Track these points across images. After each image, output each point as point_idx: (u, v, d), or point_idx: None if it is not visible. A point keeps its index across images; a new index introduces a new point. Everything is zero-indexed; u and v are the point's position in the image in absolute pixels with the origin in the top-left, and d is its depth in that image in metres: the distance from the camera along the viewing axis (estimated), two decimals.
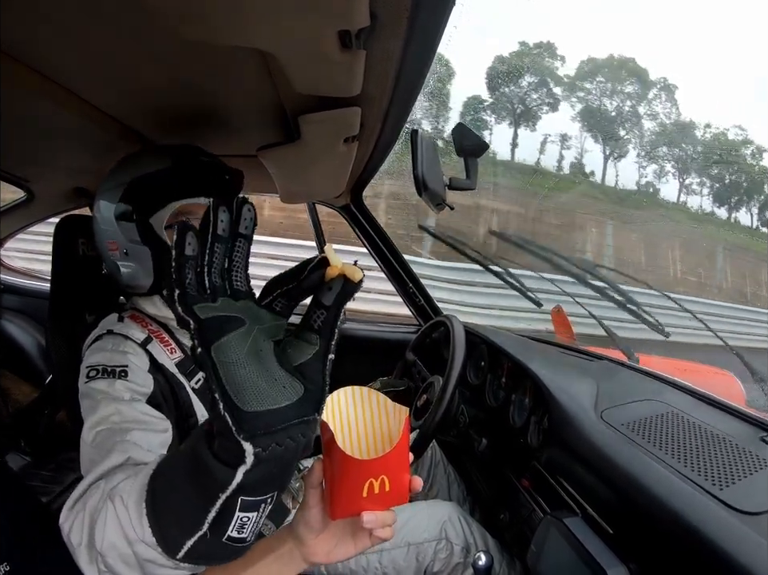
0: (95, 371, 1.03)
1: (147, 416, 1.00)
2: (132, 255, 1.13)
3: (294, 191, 1.67)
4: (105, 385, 1.01)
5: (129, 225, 1.12)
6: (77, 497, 0.77)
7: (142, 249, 1.12)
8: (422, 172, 1.10)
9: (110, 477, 0.79)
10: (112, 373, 1.03)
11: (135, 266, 1.13)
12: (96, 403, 0.98)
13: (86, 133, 1.16)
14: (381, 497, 0.63)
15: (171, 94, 0.98)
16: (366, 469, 0.62)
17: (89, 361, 1.05)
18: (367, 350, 2.31)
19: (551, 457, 1.18)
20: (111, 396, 1.00)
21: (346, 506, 0.65)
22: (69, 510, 0.76)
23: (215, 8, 0.55)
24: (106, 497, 0.72)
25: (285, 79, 0.76)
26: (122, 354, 1.08)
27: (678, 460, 0.98)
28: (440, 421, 1.24)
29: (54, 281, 1.28)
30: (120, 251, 1.13)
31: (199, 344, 0.48)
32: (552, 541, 0.96)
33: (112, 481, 0.77)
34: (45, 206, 1.88)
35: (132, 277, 1.13)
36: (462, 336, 1.40)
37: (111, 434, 0.92)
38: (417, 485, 0.68)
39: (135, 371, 1.06)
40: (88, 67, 0.83)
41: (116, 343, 1.09)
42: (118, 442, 0.89)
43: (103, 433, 0.92)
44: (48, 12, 0.64)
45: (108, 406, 0.97)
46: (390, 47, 0.71)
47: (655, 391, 1.37)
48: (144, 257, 1.13)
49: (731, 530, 0.77)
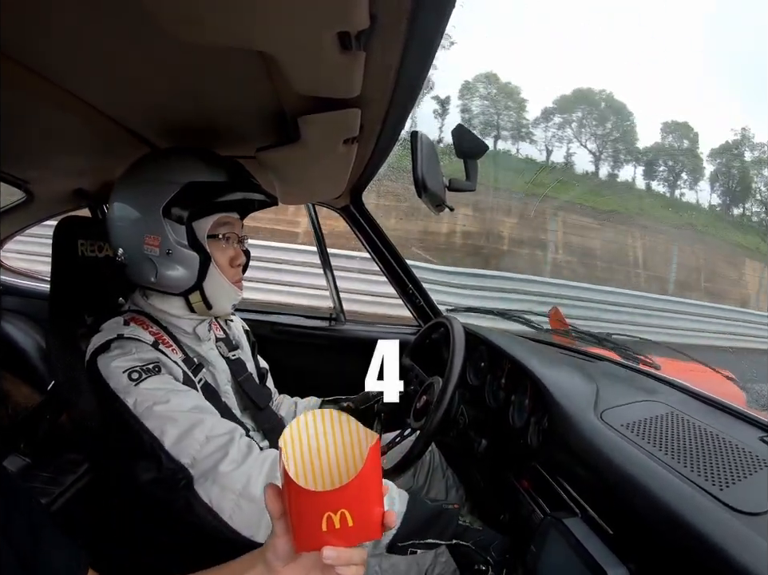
0: (137, 373, 1.06)
1: (205, 402, 1.12)
2: (175, 256, 1.15)
3: (294, 192, 1.67)
4: (157, 381, 1.07)
5: (179, 227, 1.15)
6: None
7: (189, 254, 1.16)
8: (422, 173, 1.10)
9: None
10: (150, 370, 1.08)
11: (177, 267, 1.16)
12: (162, 396, 1.04)
13: (86, 135, 1.16)
14: (343, 532, 0.58)
15: (170, 96, 0.98)
16: (322, 501, 0.57)
17: (123, 366, 1.07)
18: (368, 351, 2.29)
19: (551, 457, 1.18)
20: (170, 389, 1.07)
21: (308, 540, 0.60)
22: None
23: (215, 10, 0.55)
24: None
25: (284, 80, 0.76)
26: (147, 352, 1.11)
27: (678, 460, 0.98)
28: (440, 422, 1.23)
29: (54, 282, 1.27)
30: (162, 248, 1.14)
31: None
32: (552, 542, 0.96)
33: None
34: (44, 207, 1.88)
35: (171, 277, 1.16)
36: (462, 337, 1.40)
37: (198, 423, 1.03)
38: (391, 522, 0.62)
39: (165, 362, 1.11)
40: (88, 69, 0.83)
41: (137, 346, 1.11)
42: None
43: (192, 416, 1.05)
44: (48, 14, 0.64)
45: (176, 397, 1.06)
46: (390, 48, 0.71)
47: (654, 392, 1.38)
48: (190, 261, 1.16)
49: (731, 531, 0.77)
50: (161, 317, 1.23)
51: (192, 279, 1.17)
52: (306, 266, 5.53)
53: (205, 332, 1.29)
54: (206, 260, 1.17)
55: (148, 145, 1.27)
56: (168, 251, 1.14)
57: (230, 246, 1.25)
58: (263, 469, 1.02)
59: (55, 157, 1.37)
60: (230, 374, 1.35)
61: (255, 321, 1.68)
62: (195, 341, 1.27)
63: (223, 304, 1.25)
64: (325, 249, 2.28)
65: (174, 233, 1.14)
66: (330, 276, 2.32)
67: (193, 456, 1.00)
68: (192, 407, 1.06)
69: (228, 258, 1.24)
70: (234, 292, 1.25)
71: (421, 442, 1.25)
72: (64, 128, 1.10)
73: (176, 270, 1.15)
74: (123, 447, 1.07)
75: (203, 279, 1.18)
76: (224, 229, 1.23)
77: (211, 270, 1.19)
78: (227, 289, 1.23)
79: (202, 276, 1.18)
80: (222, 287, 1.22)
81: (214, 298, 1.22)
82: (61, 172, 1.51)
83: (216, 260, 1.20)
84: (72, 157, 1.37)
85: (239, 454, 1.02)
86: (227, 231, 1.23)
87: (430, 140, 1.14)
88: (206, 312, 1.25)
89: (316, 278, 6.20)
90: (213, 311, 1.25)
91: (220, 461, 1.00)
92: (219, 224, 1.22)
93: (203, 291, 1.20)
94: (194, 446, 1.00)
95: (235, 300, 1.28)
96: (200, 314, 1.25)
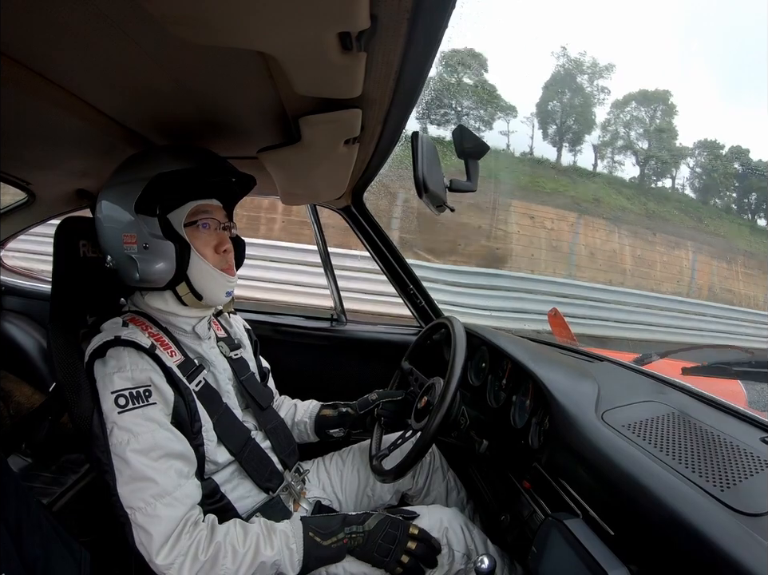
0: (124, 399, 1.07)
1: (180, 444, 1.12)
2: (152, 249, 1.15)
3: (295, 193, 1.67)
4: (140, 415, 1.08)
5: (151, 220, 1.15)
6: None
7: (165, 244, 1.15)
8: (423, 173, 1.10)
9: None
10: (139, 397, 1.08)
11: (156, 260, 1.15)
12: (135, 436, 1.06)
13: (88, 136, 1.16)
14: None
15: (172, 97, 0.98)
16: None
17: (114, 385, 1.08)
18: (369, 352, 2.32)
19: (552, 458, 1.18)
20: (148, 429, 1.08)
21: None
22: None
23: (217, 11, 0.55)
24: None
25: (286, 81, 0.76)
26: (141, 371, 1.10)
27: (679, 461, 0.98)
28: (441, 422, 1.23)
29: (55, 282, 1.28)
30: (139, 244, 1.14)
31: None
32: (553, 543, 0.96)
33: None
34: (46, 208, 1.88)
35: (152, 271, 1.15)
36: (463, 337, 1.40)
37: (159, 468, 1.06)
38: None
39: (158, 386, 1.11)
40: (90, 70, 0.84)
41: (132, 360, 1.11)
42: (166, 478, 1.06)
43: (151, 466, 1.06)
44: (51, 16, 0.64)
45: (147, 437, 1.07)
46: (391, 49, 0.71)
47: (656, 392, 1.37)
48: (166, 252, 1.15)
49: (732, 532, 0.77)
50: (160, 317, 1.23)
51: (171, 269, 1.16)
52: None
53: (204, 331, 1.29)
54: (184, 248, 1.17)
55: (150, 146, 1.27)
56: (145, 245, 1.14)
57: (211, 233, 1.23)
58: (188, 557, 1.04)
59: (57, 158, 1.37)
60: (231, 374, 1.35)
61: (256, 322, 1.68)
62: (195, 340, 1.27)
63: (213, 292, 1.23)
64: (326, 250, 2.28)
65: (148, 227, 1.14)
66: (331, 277, 2.32)
67: (135, 512, 1.04)
68: (159, 455, 1.07)
69: (212, 245, 1.23)
70: (223, 278, 1.23)
71: (423, 442, 1.24)
72: (66, 129, 1.10)
73: (156, 263, 1.15)
74: (95, 450, 1.10)
75: (185, 268, 1.18)
76: (202, 216, 1.21)
77: (193, 258, 1.18)
78: (214, 276, 1.21)
79: (183, 265, 1.17)
80: (208, 274, 1.21)
81: (201, 286, 1.21)
82: (63, 173, 1.51)
83: (197, 248, 1.19)
84: (74, 158, 1.37)
85: (171, 538, 1.04)
86: (206, 217, 1.22)
87: (431, 141, 1.14)
88: (198, 303, 1.23)
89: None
90: (205, 300, 1.23)
91: (152, 540, 1.03)
92: (196, 211, 1.21)
93: (188, 280, 1.19)
94: (139, 505, 1.03)
95: (228, 287, 1.26)
96: (193, 306, 1.24)
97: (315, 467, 1.60)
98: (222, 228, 1.26)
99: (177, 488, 1.07)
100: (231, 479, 1.26)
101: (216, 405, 1.23)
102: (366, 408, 1.57)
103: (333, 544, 1.17)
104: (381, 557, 1.18)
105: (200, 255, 1.19)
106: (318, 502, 1.45)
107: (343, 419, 1.58)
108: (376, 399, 1.57)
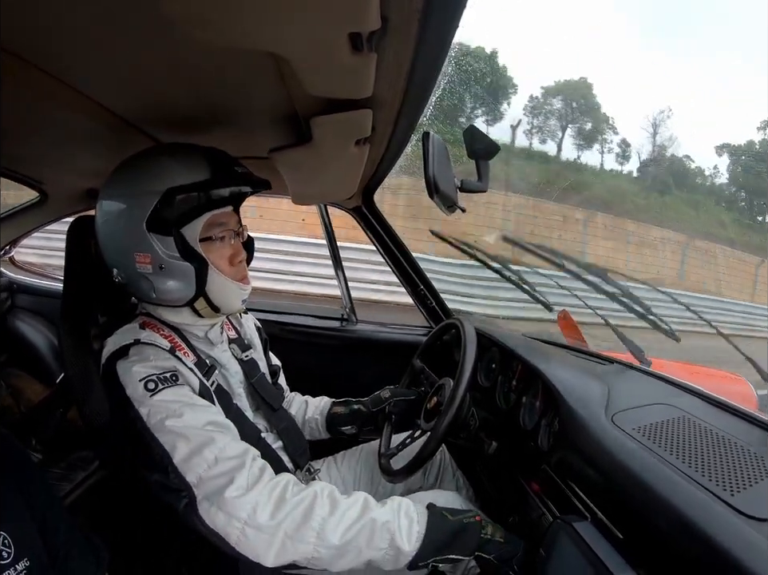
0: (153, 383, 1.02)
1: (221, 416, 1.09)
2: (168, 269, 1.10)
3: (306, 193, 1.67)
4: (172, 394, 1.03)
5: (166, 239, 1.09)
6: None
7: (183, 265, 1.10)
8: (434, 174, 1.10)
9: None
10: (167, 380, 1.04)
11: (173, 281, 1.11)
12: (174, 411, 1.01)
13: (99, 136, 1.17)
14: None
15: (184, 97, 0.99)
16: None
17: (140, 374, 1.03)
18: (379, 352, 2.32)
19: (561, 460, 1.17)
20: (185, 402, 1.03)
21: None
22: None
23: (228, 12, 0.55)
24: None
25: (297, 81, 0.76)
26: (164, 360, 1.08)
27: (690, 465, 0.97)
28: (450, 424, 1.23)
29: (67, 281, 1.28)
30: (154, 265, 1.09)
31: None
32: (562, 546, 0.95)
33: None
34: (57, 207, 1.90)
35: (170, 291, 1.12)
36: (474, 338, 1.39)
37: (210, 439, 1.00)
38: None
39: (183, 374, 1.08)
40: (102, 71, 0.84)
41: (155, 353, 1.09)
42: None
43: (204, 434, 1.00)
44: (62, 16, 0.65)
45: (191, 412, 1.02)
46: (401, 49, 0.71)
47: (666, 395, 1.36)
48: (185, 273, 1.11)
49: (742, 536, 0.76)
50: (174, 322, 1.22)
51: (191, 290, 1.13)
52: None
53: (217, 336, 1.29)
54: (202, 267, 1.12)
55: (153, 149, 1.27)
56: (161, 266, 1.09)
57: (226, 245, 1.19)
58: (272, 497, 0.96)
59: (69, 158, 1.38)
60: (243, 376, 1.34)
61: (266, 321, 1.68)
62: (208, 345, 1.26)
63: (230, 303, 1.22)
64: (337, 250, 2.28)
65: (163, 246, 1.09)
66: (341, 277, 2.33)
67: (200, 475, 0.96)
68: (205, 423, 1.01)
69: (227, 258, 1.18)
70: (240, 289, 1.20)
71: (432, 443, 1.24)
72: (78, 129, 1.11)
73: (174, 283, 1.12)
74: (134, 453, 1.06)
75: (203, 286, 1.14)
76: (217, 230, 1.16)
77: (211, 274, 1.14)
78: (232, 289, 1.20)
79: (202, 284, 1.13)
80: (226, 289, 1.19)
81: (219, 300, 1.19)
82: (75, 172, 1.52)
83: (214, 263, 1.15)
84: (85, 158, 1.38)
85: (248, 480, 0.97)
86: (221, 230, 1.17)
87: (442, 141, 1.14)
88: (214, 315, 1.22)
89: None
90: (222, 311, 1.22)
91: (226, 486, 0.95)
92: (211, 224, 1.15)
93: (207, 296, 1.17)
94: (202, 466, 0.96)
95: (244, 296, 1.23)
96: (209, 317, 1.23)
97: (326, 466, 1.60)
98: (235, 236, 1.22)
99: (237, 441, 1.04)
100: None
101: (228, 406, 1.22)
102: (378, 406, 1.56)
103: (465, 518, 1.07)
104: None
105: (218, 271, 1.15)
106: None
107: (355, 416, 1.57)
108: (389, 397, 1.56)
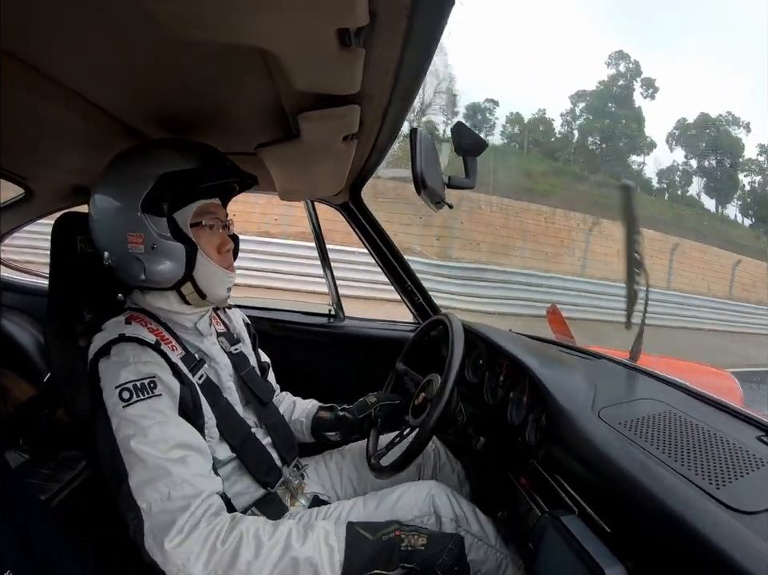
0: (128, 392, 1.03)
1: (192, 436, 1.08)
2: (160, 250, 1.13)
3: (294, 189, 1.67)
4: (146, 407, 1.03)
5: (159, 219, 1.13)
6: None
7: (174, 245, 1.14)
8: (421, 170, 1.10)
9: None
10: (143, 389, 1.04)
11: (164, 261, 1.14)
12: (143, 428, 1.01)
13: (86, 131, 1.16)
14: None
15: (171, 92, 0.98)
16: None
17: (118, 379, 1.04)
18: (366, 348, 2.33)
19: (549, 455, 1.18)
20: (156, 420, 1.02)
21: None
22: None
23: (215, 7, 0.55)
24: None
25: (284, 77, 0.76)
26: (144, 364, 1.08)
27: (676, 459, 0.98)
28: (439, 417, 1.23)
29: (53, 278, 1.27)
30: (146, 245, 1.13)
31: None
32: (550, 540, 0.96)
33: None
34: (43, 203, 1.88)
35: (159, 272, 1.14)
36: (461, 333, 1.40)
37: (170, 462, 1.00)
38: None
39: (162, 379, 1.08)
40: (88, 66, 0.84)
41: (135, 354, 1.09)
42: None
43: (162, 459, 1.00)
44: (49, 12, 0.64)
45: (158, 430, 1.02)
46: (390, 45, 0.71)
47: (653, 390, 1.38)
48: (175, 253, 1.14)
49: (728, 529, 0.77)
50: (161, 314, 1.22)
51: (180, 271, 1.16)
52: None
53: (206, 327, 1.29)
54: (192, 249, 1.16)
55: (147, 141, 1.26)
56: (153, 245, 1.13)
57: (215, 233, 1.23)
58: (206, 547, 0.95)
59: (55, 154, 1.37)
60: (232, 369, 1.35)
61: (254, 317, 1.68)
62: (197, 336, 1.27)
63: (217, 290, 1.24)
64: (324, 247, 2.28)
65: (156, 227, 1.13)
66: (329, 274, 2.33)
67: (150, 504, 0.96)
68: (172, 447, 1.02)
69: (215, 245, 1.23)
70: (226, 276, 1.24)
71: (421, 437, 1.24)
72: (64, 124, 1.10)
73: (164, 264, 1.14)
74: (102, 454, 1.06)
75: (192, 269, 1.17)
76: (207, 217, 1.21)
77: (200, 258, 1.18)
78: (218, 275, 1.22)
79: (191, 266, 1.16)
80: (214, 275, 1.21)
81: (206, 286, 1.21)
82: (61, 168, 1.51)
83: (203, 248, 1.19)
84: (71, 154, 1.37)
85: (187, 523, 0.96)
86: (210, 218, 1.22)
87: (429, 137, 1.14)
88: (201, 302, 1.24)
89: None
90: (208, 299, 1.23)
91: (167, 529, 0.95)
92: (201, 212, 1.20)
93: (194, 281, 1.19)
94: (153, 497, 0.97)
95: (229, 284, 1.26)
96: (196, 305, 1.24)
97: (314, 463, 1.60)
98: (222, 227, 1.26)
99: (194, 477, 1.01)
100: (230, 476, 1.25)
101: (217, 400, 1.22)
102: (364, 412, 1.55)
103: (383, 535, 1.05)
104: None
105: (206, 256, 1.19)
106: (315, 496, 1.44)
107: (340, 423, 1.56)
108: (375, 402, 1.57)
